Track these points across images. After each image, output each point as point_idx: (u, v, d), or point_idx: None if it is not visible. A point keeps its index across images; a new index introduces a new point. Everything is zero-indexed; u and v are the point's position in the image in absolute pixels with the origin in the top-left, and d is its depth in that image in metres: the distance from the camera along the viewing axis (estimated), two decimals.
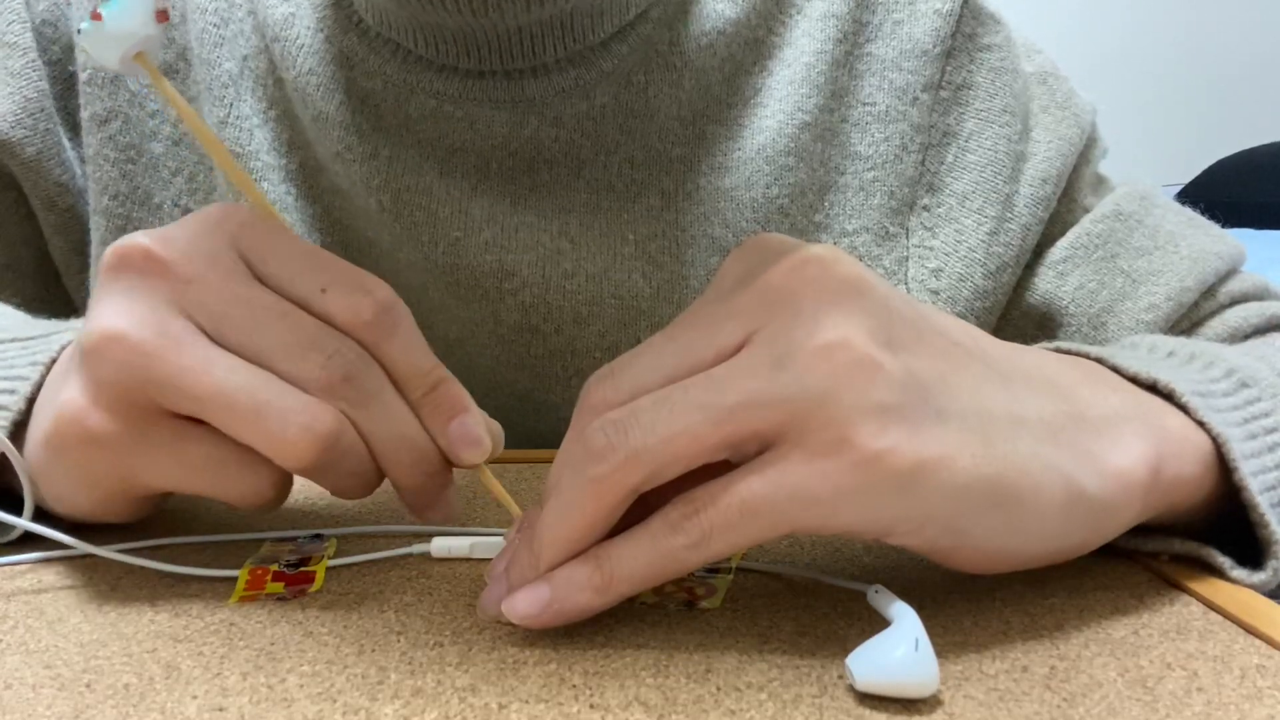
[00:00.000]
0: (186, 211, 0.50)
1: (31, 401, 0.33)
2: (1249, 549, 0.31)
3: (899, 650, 0.24)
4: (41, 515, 0.33)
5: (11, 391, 0.33)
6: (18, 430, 0.33)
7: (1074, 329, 0.50)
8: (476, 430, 0.31)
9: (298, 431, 0.28)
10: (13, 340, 0.35)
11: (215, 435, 0.29)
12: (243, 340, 0.29)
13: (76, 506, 0.32)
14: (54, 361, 0.33)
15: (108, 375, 0.29)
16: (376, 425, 0.30)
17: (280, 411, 0.28)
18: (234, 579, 0.31)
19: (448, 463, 0.31)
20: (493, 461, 0.32)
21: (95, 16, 0.29)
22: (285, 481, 0.31)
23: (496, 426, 0.32)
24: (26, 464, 0.32)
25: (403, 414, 0.30)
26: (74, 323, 0.37)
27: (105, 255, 0.30)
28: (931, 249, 0.49)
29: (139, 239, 0.30)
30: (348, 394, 0.29)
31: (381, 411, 0.30)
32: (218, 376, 0.28)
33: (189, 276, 0.29)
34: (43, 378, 0.33)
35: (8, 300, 0.47)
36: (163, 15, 0.30)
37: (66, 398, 0.30)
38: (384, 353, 0.30)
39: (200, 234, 0.30)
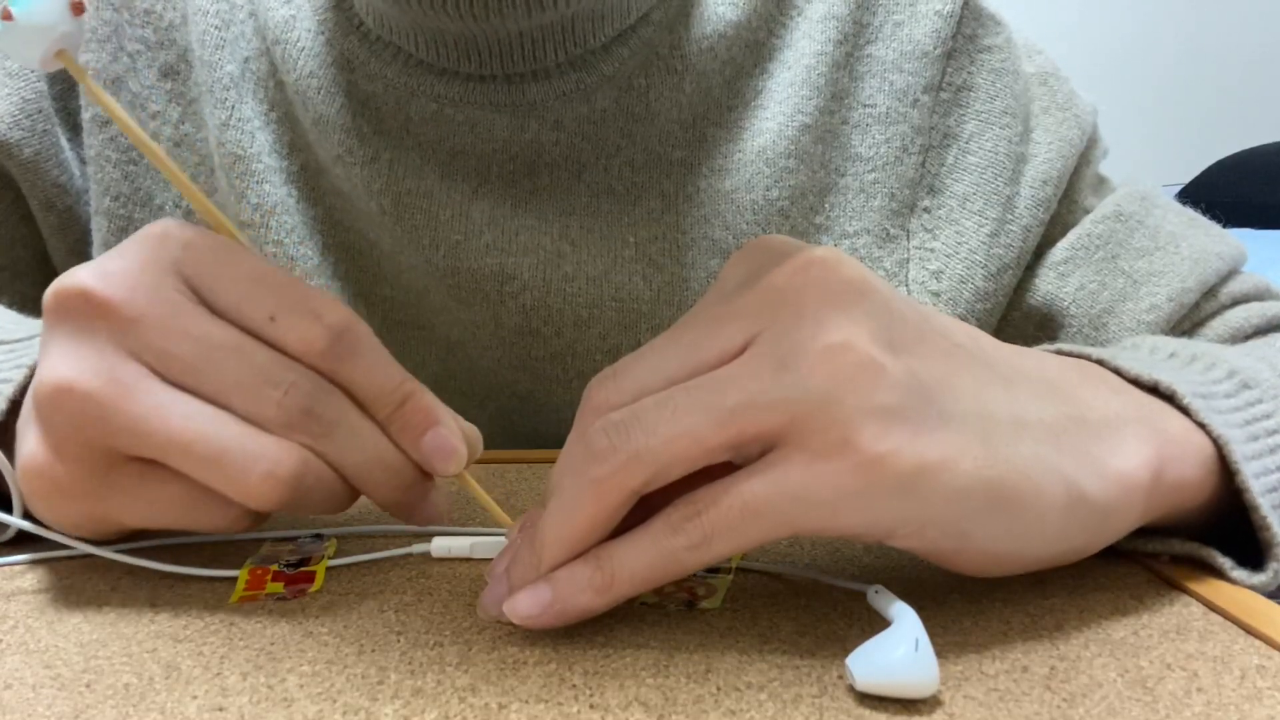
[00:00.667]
0: (187, 213, 0.50)
1: (15, 403, 0.32)
2: (1250, 550, 0.31)
3: (899, 650, 0.24)
4: None
5: None
6: (3, 432, 0.32)
7: (1075, 330, 0.50)
8: (451, 441, 0.30)
9: (259, 477, 0.27)
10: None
11: (182, 475, 0.28)
12: (196, 379, 0.28)
13: (68, 532, 0.32)
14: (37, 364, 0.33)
15: (63, 427, 0.28)
16: (343, 453, 0.29)
17: (240, 458, 0.27)
18: (234, 579, 0.31)
19: (425, 472, 0.31)
20: (492, 462, 0.31)
21: (5, 16, 0.28)
22: (258, 511, 0.30)
23: (473, 431, 0.32)
24: (13, 468, 0.32)
25: (370, 437, 0.29)
26: None
27: (45, 297, 0.29)
28: (932, 251, 0.49)
29: (78, 278, 0.28)
30: (309, 427, 0.28)
31: (347, 439, 0.29)
32: (174, 424, 0.27)
33: (133, 316, 0.28)
34: (26, 380, 0.33)
35: (6, 301, 0.47)
36: (78, 8, 0.28)
37: (28, 450, 0.29)
38: (343, 378, 0.29)
39: (142, 265, 0.29)
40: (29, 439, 0.29)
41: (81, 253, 0.51)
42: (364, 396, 0.30)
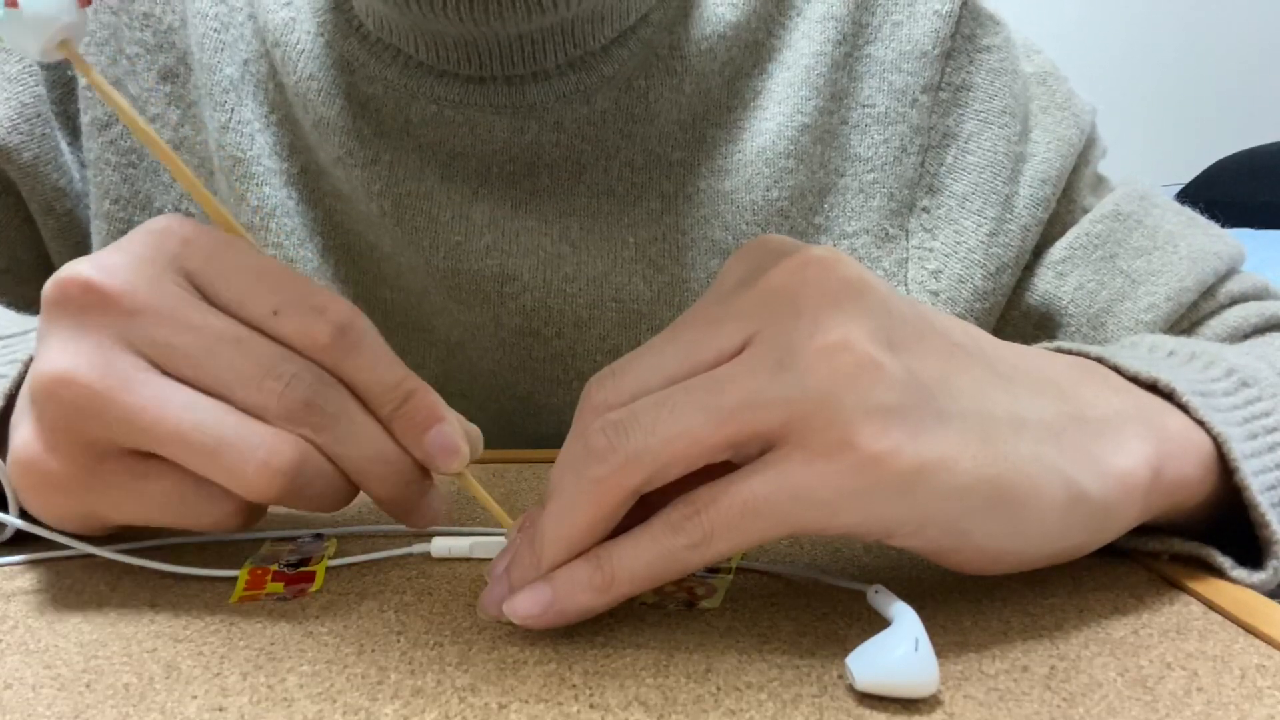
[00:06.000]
0: (187, 215, 0.50)
1: (10, 398, 0.32)
2: (1249, 548, 0.31)
3: (899, 650, 0.24)
4: None
5: None
6: (1, 427, 0.32)
7: (1073, 329, 0.50)
8: (454, 439, 0.30)
9: (257, 467, 0.27)
10: None
11: (174, 470, 0.28)
12: (196, 372, 0.28)
13: (59, 528, 0.32)
14: (32, 358, 0.33)
15: (59, 419, 0.28)
16: (344, 447, 0.29)
17: (238, 447, 0.27)
18: (234, 579, 0.31)
19: (425, 471, 0.31)
20: (492, 462, 0.32)
21: (11, 3, 0.28)
22: (251, 509, 0.30)
23: (474, 430, 0.32)
24: (5, 466, 0.32)
25: (370, 432, 0.29)
26: None
27: (45, 289, 0.29)
28: (931, 250, 0.49)
29: (79, 269, 0.28)
30: (310, 419, 0.28)
31: (347, 433, 0.29)
32: (172, 414, 0.27)
33: (133, 308, 0.28)
34: (21, 375, 0.32)
35: (8, 304, 0.47)
36: (85, 0, 0.29)
37: (21, 442, 0.29)
38: (346, 373, 0.29)
39: (144, 258, 0.29)
40: (22, 430, 0.29)
41: (82, 255, 0.51)
42: (366, 392, 0.29)
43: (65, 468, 0.29)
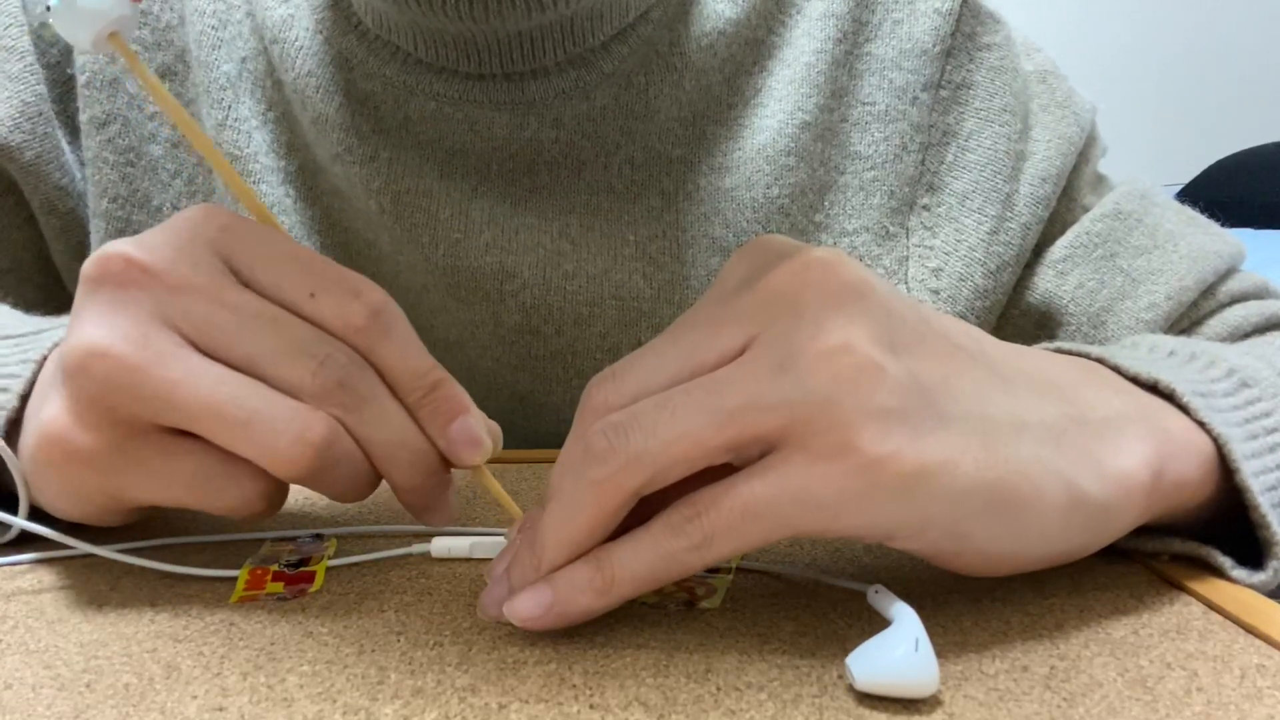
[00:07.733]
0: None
1: (24, 399, 0.32)
2: (1250, 549, 0.31)
3: (899, 650, 0.24)
4: (40, 514, 0.33)
5: (4, 390, 0.32)
6: (12, 428, 0.32)
7: (1074, 328, 0.50)
8: (477, 431, 0.30)
9: (289, 441, 0.27)
10: (5, 338, 0.35)
11: (202, 449, 0.28)
12: (231, 349, 0.28)
13: (69, 515, 0.32)
14: (45, 358, 0.33)
15: (91, 392, 0.28)
16: (371, 430, 0.29)
17: (271, 421, 0.27)
18: (234, 579, 0.31)
19: (446, 464, 0.31)
20: (492, 462, 0.32)
21: None
22: (276, 492, 0.30)
23: (495, 426, 0.32)
24: (20, 464, 0.32)
25: (398, 417, 0.30)
26: (65, 319, 0.37)
27: (86, 265, 0.29)
28: (931, 248, 0.49)
29: (120, 247, 0.29)
30: (341, 399, 0.28)
31: (376, 416, 0.29)
32: (205, 388, 0.27)
33: (173, 285, 0.28)
34: (35, 375, 0.32)
35: (10, 304, 0.47)
36: None
37: (49, 415, 0.29)
38: (378, 356, 0.29)
39: (183, 240, 0.29)
40: (51, 404, 0.29)
41: (83, 255, 0.51)
42: (395, 378, 0.30)
43: (95, 443, 0.29)
